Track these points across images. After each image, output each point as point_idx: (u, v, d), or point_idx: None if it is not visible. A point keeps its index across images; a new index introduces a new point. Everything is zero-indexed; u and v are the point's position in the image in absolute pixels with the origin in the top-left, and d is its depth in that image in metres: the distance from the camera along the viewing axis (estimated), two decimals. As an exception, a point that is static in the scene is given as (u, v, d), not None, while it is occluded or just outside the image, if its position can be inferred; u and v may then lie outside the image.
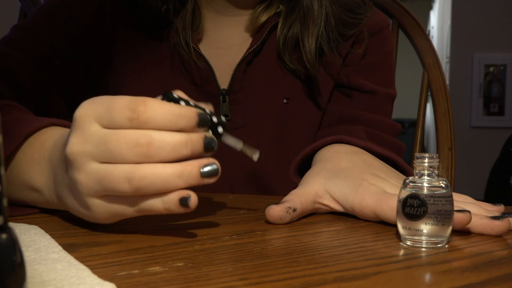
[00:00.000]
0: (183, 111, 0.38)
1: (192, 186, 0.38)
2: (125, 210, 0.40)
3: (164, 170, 0.37)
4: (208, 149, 0.39)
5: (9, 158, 0.49)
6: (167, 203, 0.38)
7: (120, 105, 0.38)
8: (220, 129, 0.41)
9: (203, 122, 0.39)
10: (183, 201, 0.38)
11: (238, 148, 0.43)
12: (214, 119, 0.41)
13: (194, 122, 0.39)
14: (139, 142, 0.37)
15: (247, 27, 0.74)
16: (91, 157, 0.39)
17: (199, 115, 0.39)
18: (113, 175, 0.38)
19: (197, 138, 0.39)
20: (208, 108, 0.42)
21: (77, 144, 0.39)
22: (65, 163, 0.42)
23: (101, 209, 0.40)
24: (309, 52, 0.69)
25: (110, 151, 0.38)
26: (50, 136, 0.49)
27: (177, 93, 0.41)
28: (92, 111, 0.39)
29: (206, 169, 0.38)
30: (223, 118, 0.41)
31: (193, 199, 0.38)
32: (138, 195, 0.39)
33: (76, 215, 0.44)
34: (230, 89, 0.72)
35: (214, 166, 0.39)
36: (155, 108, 0.38)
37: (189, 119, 0.39)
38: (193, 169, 0.38)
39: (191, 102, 0.41)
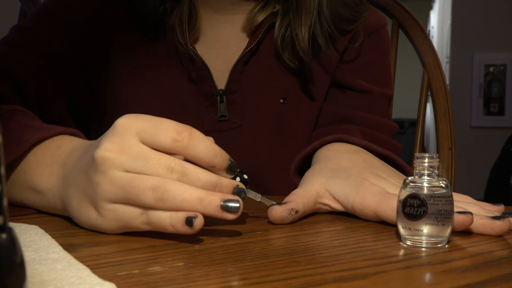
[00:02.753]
0: (220, 152, 0.41)
1: (210, 215, 0.39)
2: (134, 220, 0.40)
3: (188, 191, 0.39)
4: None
5: (16, 161, 0.49)
6: (174, 219, 0.39)
7: (167, 124, 0.40)
8: (245, 176, 0.44)
9: (232, 168, 0.42)
10: (189, 220, 0.38)
11: (257, 200, 0.47)
12: (236, 166, 0.44)
13: (225, 165, 0.42)
14: (176, 169, 0.40)
15: (243, 27, 0.74)
16: (121, 166, 0.39)
17: (230, 161, 0.42)
18: (141, 181, 0.39)
19: (227, 185, 0.42)
20: None
21: (110, 151, 0.40)
22: (84, 165, 0.42)
23: (111, 215, 0.40)
24: (302, 40, 0.69)
25: (148, 166, 0.39)
26: (66, 142, 0.49)
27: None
28: (136, 124, 0.40)
29: (229, 204, 0.39)
30: (245, 176, 0.44)
31: (199, 220, 0.38)
32: (155, 207, 0.39)
33: (76, 219, 0.44)
34: (227, 89, 0.72)
35: (236, 204, 0.39)
36: (199, 138, 0.41)
37: (223, 161, 0.42)
38: (214, 199, 0.39)
39: None
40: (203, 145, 0.40)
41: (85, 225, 0.43)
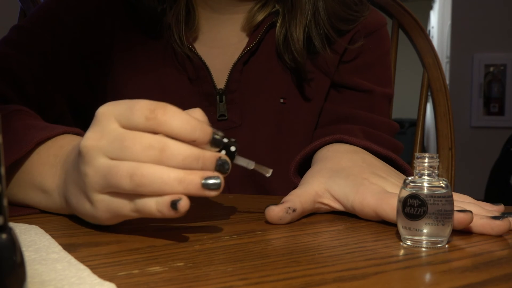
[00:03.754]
0: (199, 125, 0.39)
1: (192, 195, 0.38)
2: (123, 209, 0.40)
3: (166, 173, 0.38)
4: (220, 171, 0.39)
5: (20, 161, 0.50)
6: (160, 204, 0.38)
7: (140, 104, 0.39)
8: (232, 148, 0.42)
9: (215, 141, 0.40)
10: (173, 204, 0.38)
11: (250, 168, 0.44)
12: (226, 140, 0.41)
13: (207, 139, 0.40)
14: (153, 145, 0.38)
15: (243, 26, 0.74)
16: (103, 153, 0.39)
17: (214, 133, 0.40)
18: (118, 169, 0.38)
19: (210, 157, 0.39)
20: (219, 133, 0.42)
21: (92, 139, 0.40)
22: (77, 159, 0.42)
23: (102, 205, 0.40)
24: (296, 41, 0.69)
25: (124, 148, 0.38)
26: (68, 142, 0.49)
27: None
28: (113, 110, 0.40)
29: (209, 181, 0.38)
30: (233, 140, 0.42)
31: (183, 203, 0.37)
32: (137, 193, 0.38)
33: (79, 215, 0.44)
34: (227, 89, 0.72)
35: (218, 180, 0.38)
36: (174, 113, 0.39)
37: (204, 134, 0.39)
38: (194, 178, 0.38)
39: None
40: (178, 120, 0.39)
41: (86, 219, 0.43)
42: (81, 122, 0.74)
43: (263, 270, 0.34)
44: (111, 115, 0.40)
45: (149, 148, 0.38)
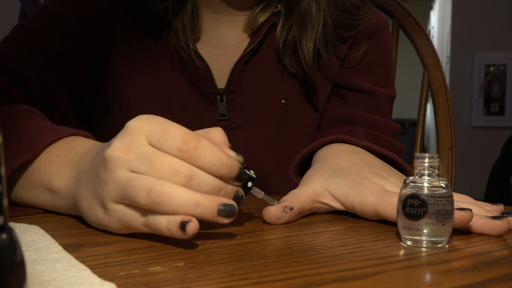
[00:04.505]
0: (229, 162, 0.41)
1: (206, 219, 0.38)
2: (134, 222, 0.40)
3: (185, 194, 0.38)
4: (235, 202, 0.40)
5: (29, 160, 0.49)
6: (170, 223, 0.38)
7: (175, 132, 0.40)
8: (249, 184, 0.44)
9: (240, 177, 0.42)
10: (182, 225, 0.37)
11: (259, 197, 0.47)
12: (247, 175, 0.43)
13: (234, 175, 0.41)
14: (182, 172, 0.39)
15: (245, 27, 0.74)
16: (128, 166, 0.39)
17: (240, 169, 0.42)
18: (136, 182, 0.38)
19: (231, 191, 0.42)
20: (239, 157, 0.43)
21: (119, 150, 0.40)
22: (95, 165, 0.42)
23: (115, 215, 0.40)
24: (307, 55, 0.69)
25: (152, 167, 0.39)
26: (80, 143, 0.49)
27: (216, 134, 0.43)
28: (145, 127, 0.40)
29: (224, 208, 0.38)
30: (252, 172, 0.44)
31: (192, 225, 0.37)
32: (151, 209, 0.38)
33: (86, 218, 0.44)
34: (228, 89, 0.72)
35: (233, 208, 0.39)
36: (206, 149, 0.40)
37: (231, 171, 0.41)
38: (211, 204, 0.38)
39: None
40: (209, 156, 0.40)
41: (95, 225, 0.43)
42: (84, 122, 0.74)
43: (263, 270, 0.34)
44: (142, 131, 0.40)
45: (177, 174, 0.39)
